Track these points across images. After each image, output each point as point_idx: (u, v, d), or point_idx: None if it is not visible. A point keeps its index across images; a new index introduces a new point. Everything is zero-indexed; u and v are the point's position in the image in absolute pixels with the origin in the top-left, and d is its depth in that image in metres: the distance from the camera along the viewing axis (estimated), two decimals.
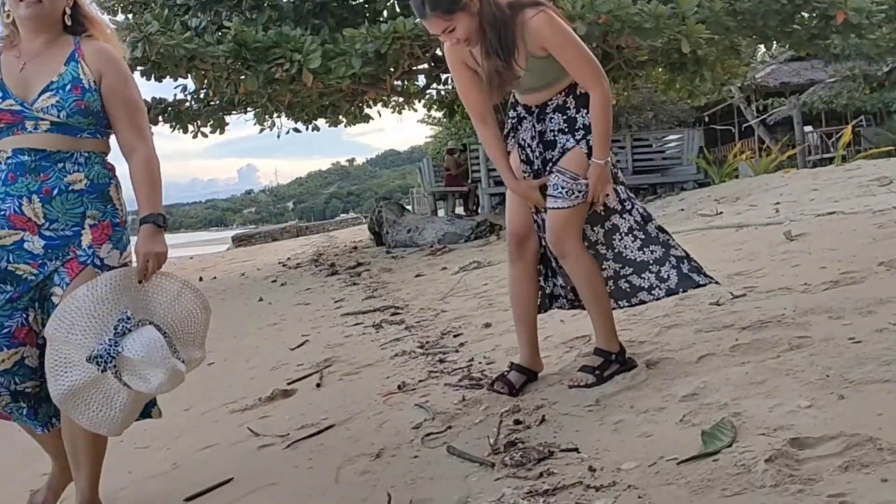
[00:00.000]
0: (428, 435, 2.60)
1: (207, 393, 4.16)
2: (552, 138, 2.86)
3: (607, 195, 2.81)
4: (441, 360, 3.70)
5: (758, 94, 22.74)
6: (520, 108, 2.95)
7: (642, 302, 2.98)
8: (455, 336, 4.24)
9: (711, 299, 3.66)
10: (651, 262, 2.89)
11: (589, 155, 2.77)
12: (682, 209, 9.04)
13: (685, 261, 2.92)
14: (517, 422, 2.54)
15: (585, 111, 2.78)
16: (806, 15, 11.42)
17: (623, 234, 2.90)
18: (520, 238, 2.93)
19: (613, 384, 2.74)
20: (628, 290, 2.95)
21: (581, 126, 2.80)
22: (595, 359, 2.82)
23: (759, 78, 22.61)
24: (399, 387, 3.31)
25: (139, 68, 9.64)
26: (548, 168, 2.85)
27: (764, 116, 22.60)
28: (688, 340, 3.08)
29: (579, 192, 2.74)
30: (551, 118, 2.85)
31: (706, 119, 25.06)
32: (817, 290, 3.46)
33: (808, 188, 7.64)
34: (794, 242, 4.70)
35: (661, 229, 2.95)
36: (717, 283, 3.01)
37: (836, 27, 10.78)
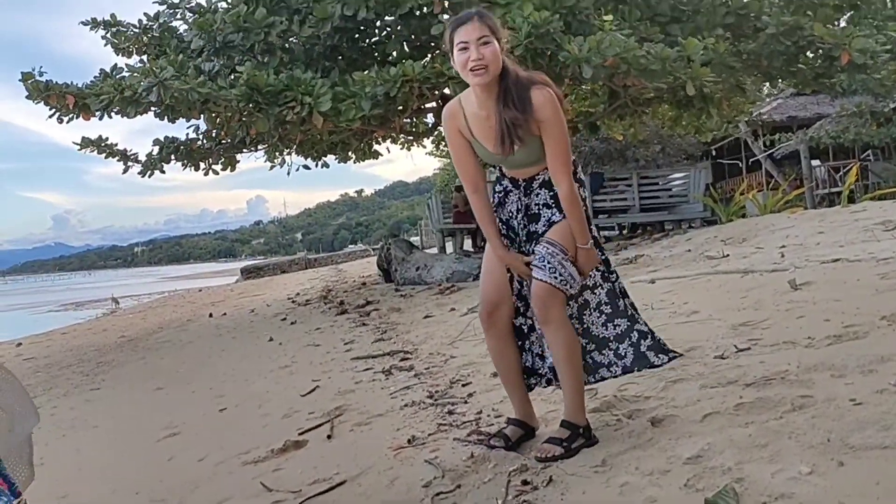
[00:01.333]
0: (438, 494, 2.66)
1: (221, 441, 4.23)
2: (536, 211, 2.97)
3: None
4: (450, 412, 3.75)
5: (765, 129, 22.86)
6: (506, 182, 3.06)
7: (603, 378, 3.08)
8: (464, 385, 4.30)
9: (717, 352, 3.72)
10: (612, 338, 3.00)
11: None
12: (689, 250, 9.10)
13: (647, 337, 3.03)
14: (525, 482, 2.59)
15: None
16: (810, 55, 11.56)
17: (592, 310, 3.01)
18: (490, 307, 3.02)
19: (619, 443, 2.79)
20: (591, 365, 3.05)
21: None
22: (563, 431, 2.83)
23: (765, 112, 22.76)
24: (409, 440, 3.36)
25: (153, 110, 9.85)
26: (532, 240, 2.96)
27: (771, 150, 22.68)
28: (693, 397, 3.13)
29: (562, 276, 2.82)
30: (538, 193, 2.97)
31: (713, 153, 25.16)
32: (821, 344, 3.51)
33: (814, 231, 7.71)
34: (798, 292, 4.76)
35: (632, 305, 3.07)
36: (677, 355, 3.10)
37: (842, 67, 10.89)
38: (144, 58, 12.43)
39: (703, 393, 3.16)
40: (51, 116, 10.24)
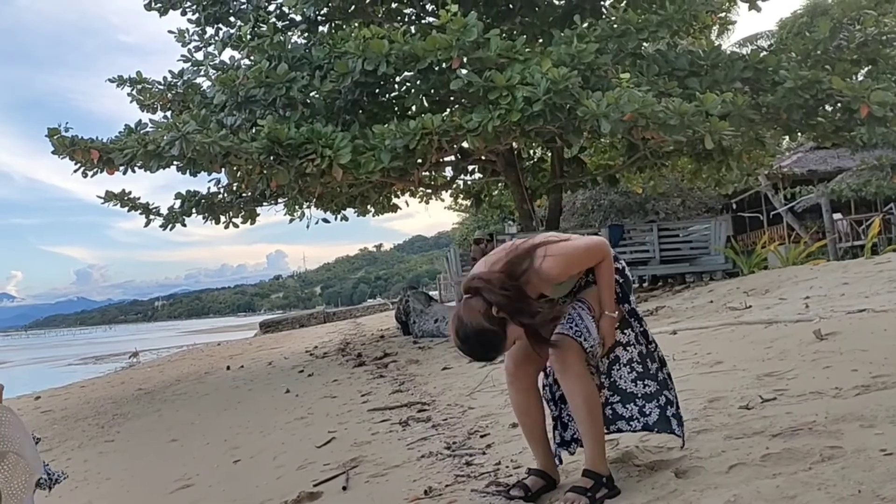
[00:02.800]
0: None
1: (234, 493, 4.15)
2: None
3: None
4: (468, 463, 3.66)
5: (785, 182, 22.79)
6: None
7: (619, 430, 3.07)
8: (482, 436, 4.21)
9: (741, 402, 3.62)
10: (639, 395, 3.01)
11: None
12: (711, 301, 8.99)
13: (673, 405, 3.02)
14: None
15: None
16: (829, 108, 11.58)
17: (622, 365, 3.02)
18: (517, 361, 2.98)
19: (643, 494, 2.70)
20: (610, 416, 3.03)
21: None
22: (586, 480, 2.77)
23: (785, 166, 22.73)
24: (426, 492, 3.27)
25: (175, 164, 9.99)
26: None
27: (792, 204, 22.57)
28: (717, 447, 3.04)
29: (577, 327, 2.81)
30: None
31: (734, 206, 25.10)
32: (849, 394, 3.41)
33: (838, 282, 7.59)
34: (824, 342, 4.65)
35: (661, 368, 3.03)
36: (682, 440, 3.05)
37: (861, 120, 10.89)
38: (168, 114, 12.69)
39: (729, 444, 3.06)
40: (76, 171, 10.40)
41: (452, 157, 12.43)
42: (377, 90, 11.46)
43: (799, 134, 13.67)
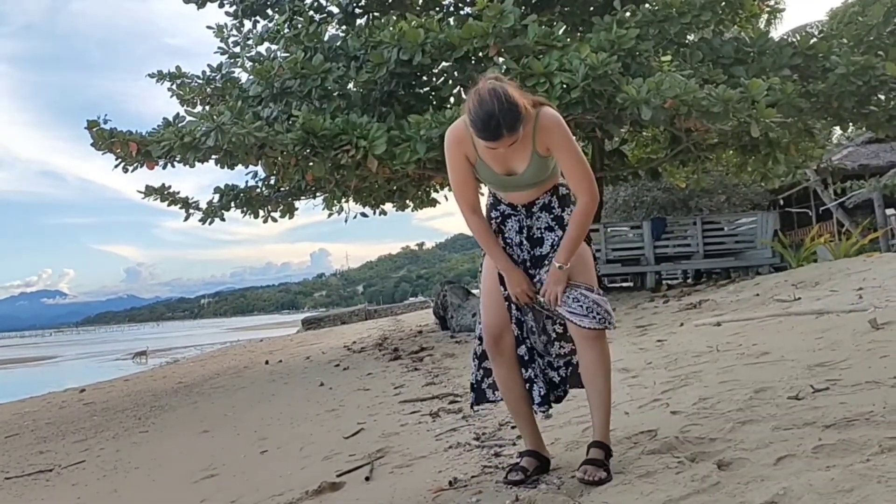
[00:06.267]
0: None
1: (257, 483, 4.05)
2: (539, 235, 2.94)
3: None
4: (496, 454, 3.50)
5: (835, 177, 22.09)
6: (503, 207, 3.00)
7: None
8: (513, 427, 4.02)
9: (790, 393, 3.39)
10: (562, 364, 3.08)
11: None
12: (757, 294, 8.65)
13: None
14: None
15: (569, 210, 2.91)
16: (883, 96, 11.13)
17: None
18: (496, 335, 2.96)
19: (681, 487, 2.49)
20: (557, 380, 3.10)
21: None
22: (599, 451, 2.77)
23: (835, 160, 22.04)
24: (450, 483, 3.11)
25: (213, 158, 9.95)
26: (540, 265, 2.91)
27: (842, 199, 21.88)
28: (764, 439, 2.81)
29: (599, 314, 2.79)
30: (538, 216, 2.94)
31: (781, 202, 24.46)
32: None
33: (893, 273, 7.22)
34: (880, 331, 4.37)
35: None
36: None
37: None
38: (207, 108, 12.71)
39: (777, 435, 2.83)
40: (116, 166, 10.42)
41: None
42: (413, 81, 11.31)
43: (850, 124, 13.18)
